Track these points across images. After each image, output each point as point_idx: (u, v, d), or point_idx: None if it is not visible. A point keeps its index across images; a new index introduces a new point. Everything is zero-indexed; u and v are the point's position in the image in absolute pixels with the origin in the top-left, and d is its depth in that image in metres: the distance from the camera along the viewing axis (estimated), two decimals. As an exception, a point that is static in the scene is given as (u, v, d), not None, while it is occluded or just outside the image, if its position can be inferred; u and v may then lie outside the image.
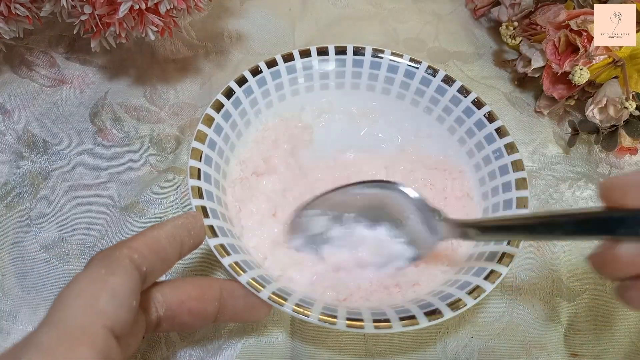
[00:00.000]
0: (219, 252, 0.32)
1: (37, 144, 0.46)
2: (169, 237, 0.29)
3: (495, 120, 0.41)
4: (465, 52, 0.59)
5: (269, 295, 0.32)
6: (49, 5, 0.43)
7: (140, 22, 0.43)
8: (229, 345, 0.38)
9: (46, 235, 0.41)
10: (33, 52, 0.52)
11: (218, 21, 0.58)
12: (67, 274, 0.40)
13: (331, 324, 0.31)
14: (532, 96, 0.55)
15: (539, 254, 0.44)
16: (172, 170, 0.46)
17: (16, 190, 0.43)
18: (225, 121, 0.40)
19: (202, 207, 0.34)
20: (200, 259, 0.41)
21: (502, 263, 0.34)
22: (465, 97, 0.43)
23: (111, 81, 0.51)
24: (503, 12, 0.58)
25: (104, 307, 0.24)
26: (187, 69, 0.54)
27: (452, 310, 0.32)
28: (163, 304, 0.30)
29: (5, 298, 0.38)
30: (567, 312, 0.42)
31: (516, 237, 0.34)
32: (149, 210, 0.43)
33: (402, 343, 0.39)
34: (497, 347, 0.40)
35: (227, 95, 0.41)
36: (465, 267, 0.36)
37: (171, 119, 0.50)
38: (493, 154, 0.41)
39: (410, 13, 0.63)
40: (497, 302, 0.42)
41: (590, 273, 0.44)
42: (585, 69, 0.46)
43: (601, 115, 0.47)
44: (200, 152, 0.37)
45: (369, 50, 0.44)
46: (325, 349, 0.39)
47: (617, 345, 0.41)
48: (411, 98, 0.45)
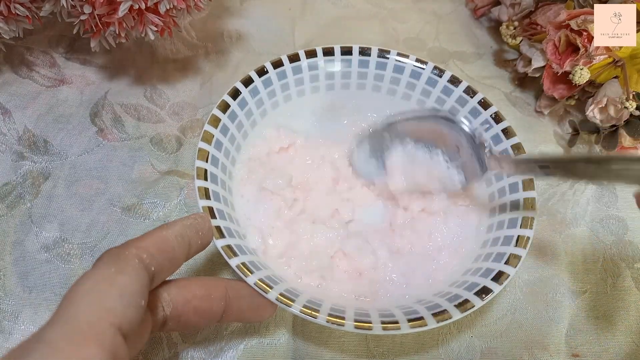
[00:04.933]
0: (227, 253, 0.32)
1: (38, 144, 0.46)
2: (178, 237, 0.29)
3: (502, 120, 0.41)
4: (465, 51, 0.59)
5: (277, 296, 0.32)
6: (48, 5, 0.43)
7: (139, 22, 0.42)
8: (230, 347, 0.38)
9: (47, 235, 0.41)
10: (33, 52, 0.52)
11: (218, 21, 0.58)
12: (68, 274, 0.40)
13: (339, 325, 0.31)
14: (533, 96, 0.56)
15: (541, 255, 0.44)
16: (175, 173, 0.46)
17: (17, 191, 0.43)
18: (231, 122, 0.40)
19: (209, 207, 0.34)
20: (204, 260, 0.41)
21: (509, 264, 0.34)
22: (472, 98, 0.43)
23: (111, 81, 0.51)
24: (503, 12, 0.58)
25: (113, 305, 0.24)
26: (187, 69, 0.54)
27: (460, 311, 0.32)
28: (169, 303, 0.30)
29: (6, 298, 0.38)
30: (568, 312, 0.42)
31: (554, 175, 0.35)
32: (153, 212, 0.43)
33: (404, 344, 0.39)
34: (499, 348, 0.40)
35: (233, 95, 0.41)
36: (473, 269, 0.36)
37: (171, 118, 0.49)
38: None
39: (411, 13, 0.63)
40: (499, 302, 0.42)
41: (591, 273, 0.44)
42: (585, 69, 0.46)
43: (601, 115, 0.47)
44: (207, 152, 0.37)
45: (375, 51, 0.44)
46: (328, 350, 0.39)
47: (618, 346, 0.41)
48: (417, 99, 0.45)
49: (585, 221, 0.47)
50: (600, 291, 0.43)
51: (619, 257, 0.45)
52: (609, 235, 0.46)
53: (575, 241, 0.46)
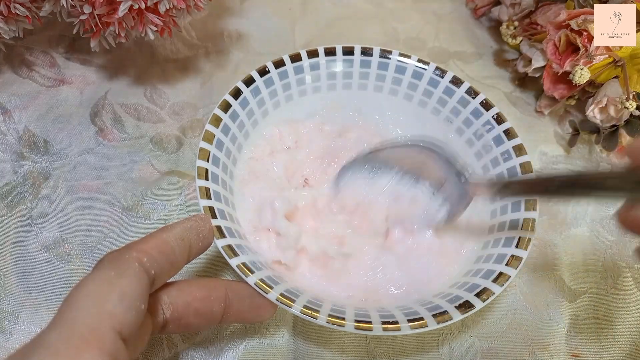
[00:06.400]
0: (227, 253, 0.32)
1: (38, 144, 0.46)
2: (178, 240, 0.29)
3: (504, 121, 0.41)
4: (465, 51, 0.59)
5: (277, 297, 0.31)
6: (48, 5, 0.43)
7: (139, 22, 0.42)
8: (231, 347, 0.38)
9: (47, 236, 0.41)
10: (33, 52, 0.52)
11: (218, 21, 0.58)
12: (68, 274, 0.40)
13: (339, 325, 0.31)
14: (533, 96, 0.55)
15: (541, 255, 0.44)
16: (176, 173, 0.46)
17: (17, 191, 0.43)
18: (232, 121, 0.40)
19: (210, 207, 0.34)
20: (204, 260, 0.41)
21: (510, 265, 0.34)
22: (474, 99, 0.43)
23: (111, 81, 0.51)
24: (503, 12, 0.58)
25: (113, 309, 0.24)
26: (187, 69, 0.54)
27: (460, 312, 0.32)
28: (169, 306, 0.30)
29: (7, 298, 0.38)
30: (568, 312, 0.42)
31: (537, 196, 0.35)
32: (154, 213, 0.43)
33: (404, 344, 0.39)
34: (500, 348, 0.40)
35: (235, 95, 0.41)
36: (474, 269, 0.36)
37: (172, 118, 0.49)
38: (501, 155, 0.41)
39: (411, 13, 0.63)
40: (499, 302, 0.42)
41: (591, 273, 0.44)
42: (585, 69, 0.46)
43: (602, 115, 0.47)
44: (208, 152, 0.37)
45: (376, 51, 0.44)
46: (328, 351, 0.39)
47: (618, 346, 0.41)
48: (419, 99, 0.45)
49: (586, 221, 0.47)
50: (600, 291, 0.43)
51: (619, 257, 0.45)
52: (609, 235, 0.46)
53: (575, 241, 0.46)
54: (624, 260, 0.45)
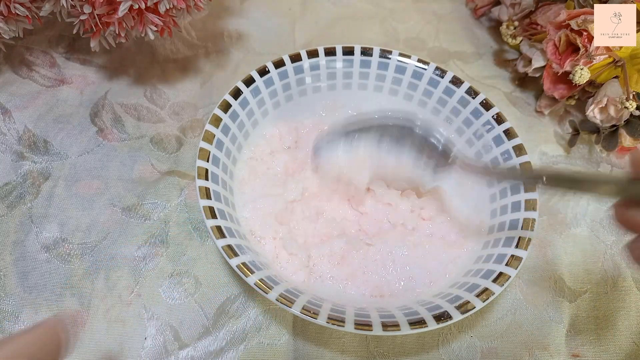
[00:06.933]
0: (227, 253, 0.32)
1: (38, 144, 0.46)
2: None
3: (504, 121, 0.41)
4: (465, 51, 0.59)
5: (277, 297, 0.32)
6: (48, 5, 0.43)
7: (139, 22, 0.42)
8: (230, 347, 0.38)
9: (47, 236, 0.41)
10: (33, 52, 0.52)
11: (218, 21, 0.58)
12: (68, 274, 0.40)
13: (339, 326, 0.31)
14: (533, 96, 0.55)
15: (541, 255, 0.44)
16: (176, 173, 0.46)
17: (17, 191, 0.43)
18: (232, 121, 0.40)
19: (210, 207, 0.34)
20: (204, 260, 0.41)
21: (510, 265, 0.34)
22: (474, 99, 0.43)
23: (111, 81, 0.51)
24: (503, 12, 0.58)
25: None
26: (187, 69, 0.53)
27: (460, 313, 0.32)
28: None
29: (7, 298, 0.38)
30: (568, 312, 0.42)
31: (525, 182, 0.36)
32: (154, 213, 0.43)
33: (404, 345, 0.39)
34: (500, 348, 0.40)
35: (235, 95, 0.41)
36: (474, 269, 0.36)
37: (172, 118, 0.49)
38: (501, 155, 0.41)
39: (411, 13, 0.63)
40: (499, 302, 0.42)
41: (591, 273, 0.44)
42: (585, 69, 0.46)
43: (602, 115, 0.47)
44: (208, 152, 0.37)
45: (376, 51, 0.44)
46: (328, 351, 0.39)
47: (618, 346, 0.41)
48: (419, 99, 0.45)
49: (586, 221, 0.47)
50: (600, 291, 0.43)
51: (619, 257, 0.45)
52: (609, 235, 0.46)
53: (575, 241, 0.46)
54: (624, 261, 0.45)
